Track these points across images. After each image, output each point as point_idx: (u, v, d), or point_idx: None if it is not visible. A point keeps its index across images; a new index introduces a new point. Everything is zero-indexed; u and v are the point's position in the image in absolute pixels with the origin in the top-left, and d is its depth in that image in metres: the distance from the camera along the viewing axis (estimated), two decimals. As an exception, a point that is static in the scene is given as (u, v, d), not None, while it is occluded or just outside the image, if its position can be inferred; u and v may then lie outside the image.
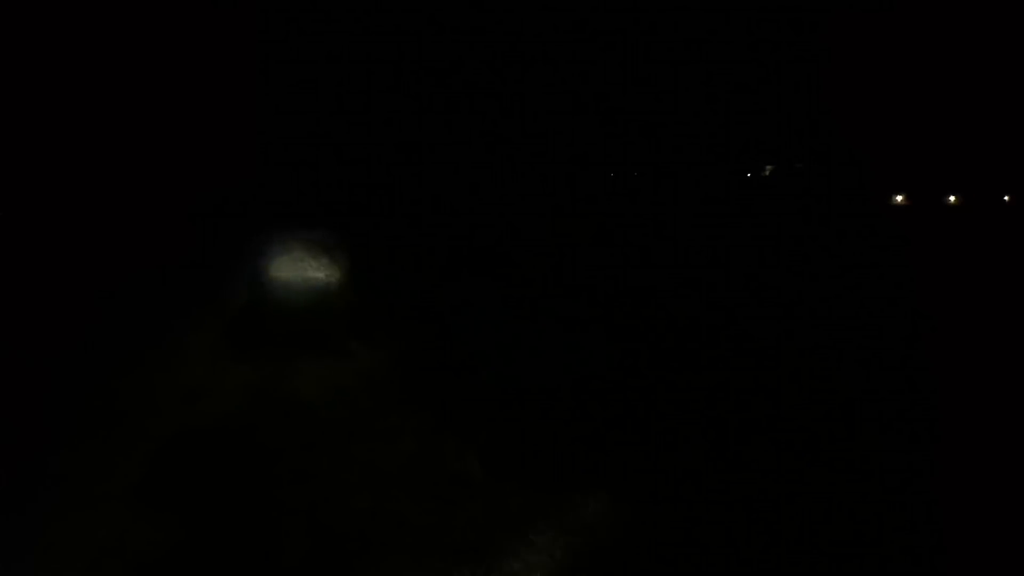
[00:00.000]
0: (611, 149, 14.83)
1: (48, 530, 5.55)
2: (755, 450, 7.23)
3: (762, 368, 8.86)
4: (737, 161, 14.76)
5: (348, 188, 13.48)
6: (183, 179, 12.36)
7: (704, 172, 14.78)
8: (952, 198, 13.73)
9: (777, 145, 14.35)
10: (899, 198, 14.02)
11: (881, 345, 9.26)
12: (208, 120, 12.51)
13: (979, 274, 10.59)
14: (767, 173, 14.83)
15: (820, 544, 5.99)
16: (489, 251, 12.38)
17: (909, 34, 13.05)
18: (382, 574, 5.40)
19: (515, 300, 10.85)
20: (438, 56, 13.83)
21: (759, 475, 6.86)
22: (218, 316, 9.69)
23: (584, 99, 14.43)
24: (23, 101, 11.05)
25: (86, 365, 7.91)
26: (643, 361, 9.15)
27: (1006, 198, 13.14)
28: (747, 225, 13.12)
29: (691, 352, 9.40)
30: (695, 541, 6.04)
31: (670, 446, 7.33)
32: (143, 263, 10.23)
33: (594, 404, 8.12)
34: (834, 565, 5.78)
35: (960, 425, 7.41)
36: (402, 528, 5.88)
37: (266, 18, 12.85)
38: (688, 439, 7.45)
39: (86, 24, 11.48)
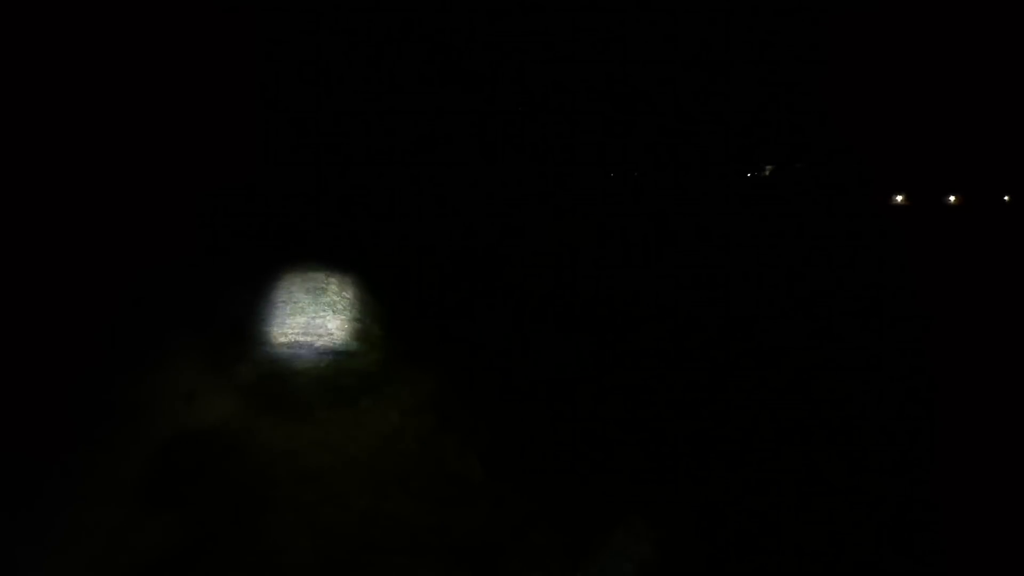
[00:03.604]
0: (610, 149, 14.82)
1: (50, 530, 5.56)
2: (756, 449, 7.24)
3: (761, 368, 8.86)
4: (737, 161, 14.75)
5: (348, 190, 13.50)
6: (184, 179, 12.36)
7: (703, 172, 14.78)
8: (952, 198, 13.72)
9: (777, 145, 14.35)
10: (899, 198, 14.01)
11: (881, 345, 9.26)
12: (209, 121, 12.51)
13: (979, 274, 10.59)
14: (767, 173, 14.83)
15: (817, 541, 6.00)
16: (490, 252, 12.38)
17: (909, 34, 13.05)
18: (382, 574, 5.40)
19: (516, 302, 10.85)
20: (437, 58, 13.84)
21: (759, 474, 6.87)
22: (218, 317, 9.68)
23: (582, 99, 14.43)
24: (22, 102, 11.05)
25: (87, 366, 7.91)
26: (644, 362, 9.14)
27: (1006, 198, 13.14)
28: (746, 225, 13.12)
29: (691, 353, 9.40)
30: (695, 538, 6.05)
31: (670, 446, 7.34)
32: (144, 264, 10.23)
33: (594, 405, 8.12)
34: (831, 563, 5.79)
35: (960, 424, 7.41)
36: (402, 528, 5.88)
37: (267, 18, 12.85)
38: (688, 439, 7.46)
39: (86, 24, 11.48)
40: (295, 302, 10.13)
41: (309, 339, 9.30)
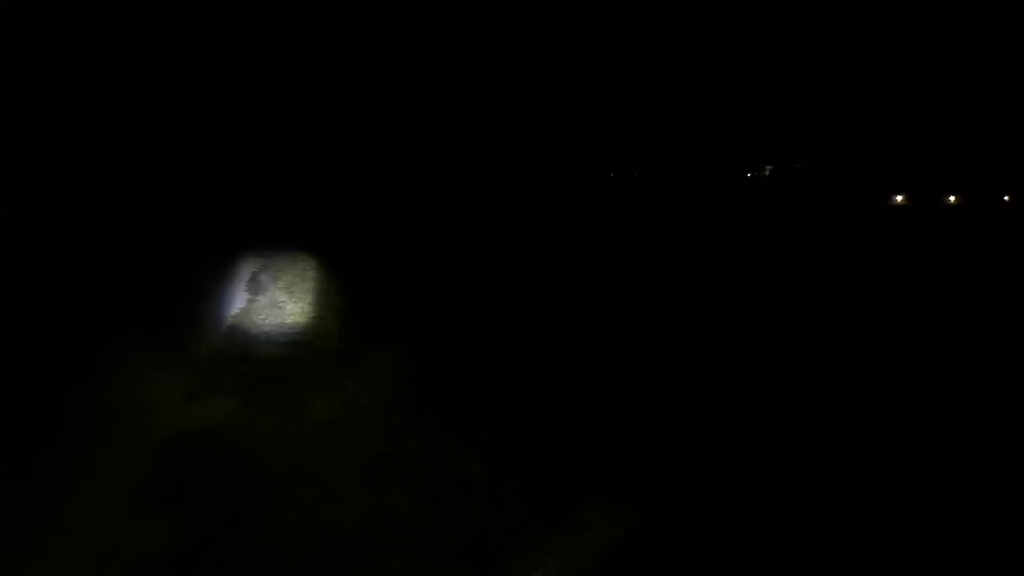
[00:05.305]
0: (610, 149, 14.84)
1: (49, 529, 5.56)
2: (755, 449, 7.24)
3: (761, 368, 8.86)
4: (737, 161, 14.76)
5: (348, 190, 13.53)
6: (185, 180, 12.39)
7: (704, 172, 14.80)
8: (952, 198, 13.73)
9: (777, 145, 14.36)
10: (899, 198, 14.02)
11: (881, 345, 9.26)
12: (208, 123, 12.52)
13: (979, 274, 10.58)
14: (767, 173, 14.84)
15: (816, 541, 6.00)
16: (490, 252, 12.38)
17: (909, 34, 13.06)
18: (382, 574, 5.40)
19: (516, 301, 10.85)
20: (437, 58, 13.86)
21: (758, 473, 6.87)
22: (218, 316, 9.69)
23: (583, 101, 14.46)
24: (24, 103, 11.05)
25: (87, 365, 7.91)
26: (643, 362, 9.14)
27: (1006, 198, 13.15)
28: (746, 225, 13.13)
29: (691, 352, 9.40)
30: (694, 538, 6.05)
31: (669, 446, 7.34)
32: (144, 263, 10.24)
33: (594, 405, 8.12)
34: (831, 563, 5.79)
35: (960, 423, 7.41)
36: (402, 528, 5.89)
37: (266, 21, 12.87)
38: (688, 439, 7.46)
39: (89, 27, 11.49)
40: (294, 303, 10.13)
41: (308, 339, 9.30)
